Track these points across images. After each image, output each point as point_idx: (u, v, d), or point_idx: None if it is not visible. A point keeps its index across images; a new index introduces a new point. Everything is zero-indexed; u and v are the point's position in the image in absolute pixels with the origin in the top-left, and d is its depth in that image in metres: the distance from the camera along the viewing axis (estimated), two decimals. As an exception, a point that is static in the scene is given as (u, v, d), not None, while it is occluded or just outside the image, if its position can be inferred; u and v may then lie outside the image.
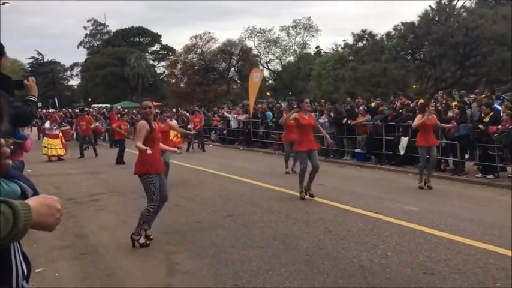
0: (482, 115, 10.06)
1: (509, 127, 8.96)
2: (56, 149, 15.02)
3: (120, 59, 54.43)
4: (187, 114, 20.52)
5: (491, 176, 9.42)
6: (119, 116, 17.77)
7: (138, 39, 63.87)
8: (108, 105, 31.26)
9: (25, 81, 2.94)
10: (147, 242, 5.42)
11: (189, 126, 17.27)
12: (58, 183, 10.36)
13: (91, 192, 9.08)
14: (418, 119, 8.77)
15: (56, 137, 15.27)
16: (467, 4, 30.98)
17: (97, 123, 18.74)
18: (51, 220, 1.31)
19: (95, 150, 16.11)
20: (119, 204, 8.03)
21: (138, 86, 53.79)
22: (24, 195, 1.41)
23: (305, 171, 7.77)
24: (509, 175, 9.45)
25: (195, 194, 8.64)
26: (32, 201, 1.27)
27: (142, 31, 63.54)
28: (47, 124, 15.93)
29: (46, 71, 60.39)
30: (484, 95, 12.34)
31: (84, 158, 15.49)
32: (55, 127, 15.48)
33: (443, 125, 9.58)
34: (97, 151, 16.12)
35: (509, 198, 7.90)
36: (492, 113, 9.75)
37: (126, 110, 26.65)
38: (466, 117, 10.24)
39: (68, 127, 19.99)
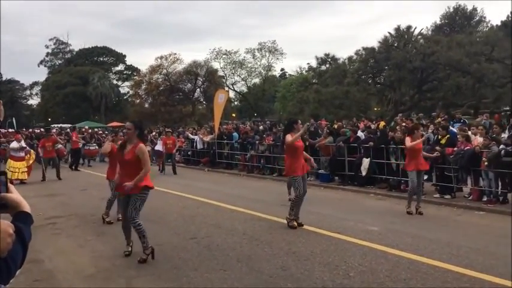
0: (439, 137, 10.46)
1: (465, 149, 9.34)
2: (17, 172, 14.00)
3: (83, 78, 53.50)
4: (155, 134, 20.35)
5: (448, 196, 9.74)
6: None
7: (101, 59, 63.13)
8: (70, 125, 30.48)
9: None
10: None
11: (158, 148, 17.13)
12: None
13: (48, 215, 8.75)
14: (407, 141, 8.46)
15: (21, 159, 14.28)
16: (424, 31, 32.46)
17: (59, 146, 17.68)
18: (2, 245, 1.26)
19: (58, 173, 15.04)
20: (77, 228, 7.77)
21: (101, 106, 52.86)
22: None
23: (304, 196, 7.39)
24: (465, 195, 9.81)
25: (158, 216, 8.47)
26: None
27: (106, 50, 62.90)
28: (14, 144, 14.71)
29: (4, 90, 58.40)
30: (440, 118, 12.84)
31: (44, 181, 14.66)
32: (22, 149, 14.42)
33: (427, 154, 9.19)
34: (60, 175, 15.09)
35: (465, 217, 8.19)
36: (448, 136, 10.16)
37: (90, 130, 26.02)
38: (424, 139, 10.58)
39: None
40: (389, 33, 29.55)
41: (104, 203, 8.10)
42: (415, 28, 30.04)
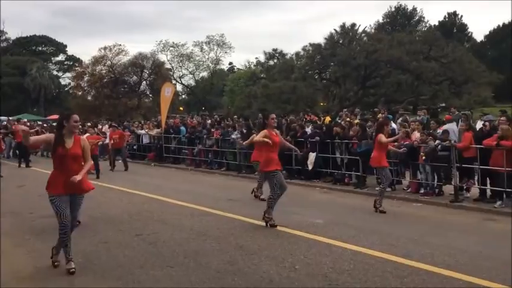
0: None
1: (404, 143, 9.78)
2: None
3: (20, 69, 50.67)
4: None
5: (388, 189, 10.16)
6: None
7: (40, 48, 60.11)
8: (4, 118, 28.68)
9: None
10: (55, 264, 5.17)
11: (106, 142, 16.09)
12: None
13: (-19, 213, 8.22)
14: (382, 138, 8.14)
15: None
16: (368, 29, 33.58)
17: None
18: None
19: None
20: (13, 226, 7.36)
21: (39, 98, 50.30)
22: None
23: (284, 191, 7.03)
24: (404, 188, 10.31)
25: (101, 212, 8.21)
26: None
27: (45, 40, 59.92)
28: None
29: None
30: (381, 114, 13.36)
31: None
32: None
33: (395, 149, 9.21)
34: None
35: (404, 209, 8.60)
36: (390, 131, 10.58)
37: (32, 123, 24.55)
38: (367, 134, 10.98)
39: None
40: (335, 30, 30.32)
41: (43, 199, 7.72)
42: (359, 26, 31.05)
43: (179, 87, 48.56)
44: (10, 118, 26.05)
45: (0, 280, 4.75)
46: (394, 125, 11.74)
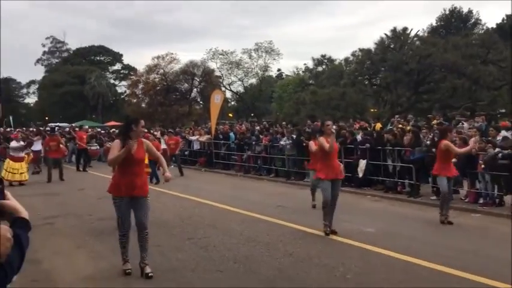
0: (435, 139, 10.51)
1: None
2: (17, 173, 13.30)
3: (80, 78, 53.38)
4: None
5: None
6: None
7: (98, 58, 62.97)
8: (65, 124, 30.31)
9: None
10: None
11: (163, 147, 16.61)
12: (10, 205, 9.90)
13: (46, 214, 8.74)
14: (447, 145, 7.69)
15: (20, 159, 13.58)
16: (420, 33, 32.61)
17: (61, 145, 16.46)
18: (0, 250, 1.28)
19: (61, 174, 14.35)
20: (75, 227, 7.77)
21: (97, 105, 52.74)
22: None
23: (328, 203, 6.80)
24: (462, 198, 9.88)
25: (155, 217, 8.46)
26: None
27: (103, 50, 62.75)
28: (14, 143, 14.13)
29: (1, 88, 58.15)
30: (436, 120, 12.91)
31: (50, 182, 13.90)
32: (23, 149, 13.87)
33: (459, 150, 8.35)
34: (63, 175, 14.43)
35: (462, 220, 8.25)
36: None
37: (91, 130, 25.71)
38: (420, 141, 10.66)
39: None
40: (385, 34, 29.67)
41: (102, 202, 8.10)
42: (411, 30, 30.17)
43: (228, 94, 49.28)
44: (73, 125, 27.43)
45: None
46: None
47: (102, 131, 26.08)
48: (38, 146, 16.33)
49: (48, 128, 21.01)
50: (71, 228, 7.71)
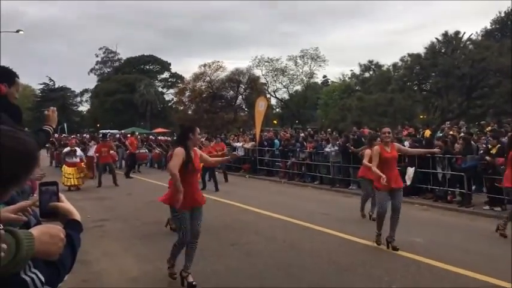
0: (489, 146, 10.03)
1: None
2: (72, 178, 13.88)
3: (130, 86, 55.36)
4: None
5: (498, 209, 9.30)
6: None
7: (147, 67, 65.12)
8: (116, 131, 31.44)
9: (45, 112, 3.06)
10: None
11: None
12: (63, 208, 10.37)
13: (95, 218, 9.08)
14: None
15: (73, 165, 14.06)
16: (473, 37, 31.34)
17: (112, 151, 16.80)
18: (53, 249, 1.32)
19: (115, 179, 14.67)
20: (122, 231, 8.02)
21: (146, 113, 54.46)
22: (27, 224, 1.45)
23: (384, 215, 6.44)
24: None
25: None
26: (35, 230, 1.29)
27: (152, 59, 64.85)
28: (66, 149, 14.77)
29: (57, 97, 61.40)
30: (490, 127, 12.32)
31: (100, 187, 14.29)
32: (76, 154, 14.29)
33: None
34: (117, 180, 14.73)
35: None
36: (499, 145, 9.70)
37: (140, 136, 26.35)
38: (472, 148, 10.20)
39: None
40: (436, 38, 28.77)
41: (148, 207, 8.30)
42: (464, 33, 29.10)
43: (273, 101, 49.44)
44: (123, 131, 28.33)
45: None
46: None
47: (152, 137, 26.72)
48: (91, 151, 16.89)
49: (100, 135, 21.72)
50: (118, 231, 7.97)
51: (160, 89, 61.71)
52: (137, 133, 27.40)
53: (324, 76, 54.09)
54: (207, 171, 12.97)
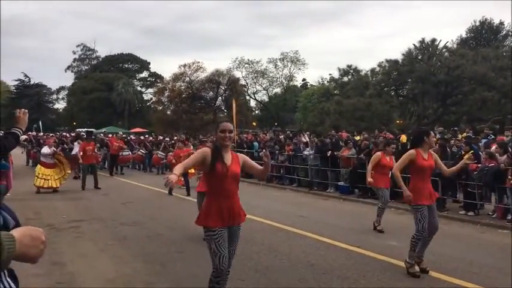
0: (462, 153, 10.28)
1: (489, 166, 9.16)
2: (50, 179, 12.82)
3: (108, 85, 54.65)
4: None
5: (471, 213, 9.55)
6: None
7: (126, 66, 64.41)
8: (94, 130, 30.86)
9: (16, 113, 3.02)
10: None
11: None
12: (38, 208, 10.16)
13: (71, 218, 8.92)
14: None
15: (52, 166, 13.02)
16: (449, 45, 32.11)
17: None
18: (34, 252, 1.30)
19: (96, 182, 13.67)
20: (98, 232, 7.89)
21: (124, 112, 53.80)
22: (5, 226, 1.42)
23: (425, 234, 5.43)
24: (489, 213, 9.60)
25: (176, 222, 8.55)
26: (16, 232, 1.27)
27: (131, 57, 64.18)
28: (45, 150, 13.40)
29: (32, 94, 60.05)
30: (465, 133, 12.63)
31: (84, 190, 13.31)
32: (53, 155, 13.18)
33: None
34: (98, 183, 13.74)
35: (489, 236, 8.01)
36: (472, 151, 9.94)
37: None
38: (447, 154, 10.44)
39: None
40: (414, 45, 29.35)
41: (125, 208, 8.20)
42: (440, 41, 29.78)
43: (253, 103, 49.54)
44: (104, 130, 27.63)
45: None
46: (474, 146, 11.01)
47: (133, 137, 26.02)
48: (75, 150, 15.78)
49: (83, 133, 20.43)
50: (95, 232, 7.84)
51: (139, 88, 61.12)
52: (121, 133, 26.90)
53: (304, 79, 54.57)
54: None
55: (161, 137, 24.30)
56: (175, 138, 23.15)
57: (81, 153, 13.82)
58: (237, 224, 3.89)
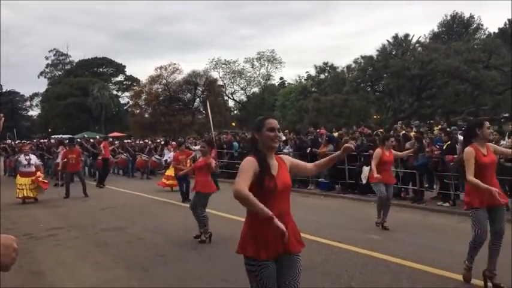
0: (443, 145, 10.47)
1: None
2: (24, 189, 12.08)
3: (83, 89, 53.79)
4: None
5: (447, 204, 9.74)
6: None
7: (101, 70, 63.53)
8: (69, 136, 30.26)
9: None
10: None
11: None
12: (15, 217, 9.91)
13: (49, 226, 8.74)
14: None
15: (30, 174, 12.19)
16: (422, 39, 32.66)
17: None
18: (6, 260, 1.28)
19: (85, 189, 13.21)
20: (78, 239, 7.75)
21: (101, 117, 53.04)
22: None
23: (483, 242, 4.73)
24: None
25: (159, 226, 8.48)
26: None
27: (106, 61, 63.31)
28: (21, 159, 12.59)
29: (5, 101, 58.64)
30: (439, 126, 12.88)
31: (68, 197, 12.88)
32: (30, 163, 12.35)
33: None
34: (86, 191, 13.26)
35: (466, 225, 8.17)
36: (449, 142, 10.11)
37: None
38: (424, 147, 10.62)
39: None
40: (387, 41, 29.75)
41: (105, 214, 8.08)
42: (413, 36, 30.26)
43: (231, 103, 49.45)
44: (85, 136, 26.90)
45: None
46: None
47: (116, 142, 25.23)
48: (58, 158, 15.31)
49: (66, 140, 19.96)
50: (74, 239, 7.70)
51: (115, 92, 60.34)
52: (111, 139, 26.34)
53: (281, 78, 54.75)
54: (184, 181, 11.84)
55: (146, 141, 24.15)
56: (158, 141, 22.91)
57: (64, 161, 13.61)
58: (292, 252, 2.93)
